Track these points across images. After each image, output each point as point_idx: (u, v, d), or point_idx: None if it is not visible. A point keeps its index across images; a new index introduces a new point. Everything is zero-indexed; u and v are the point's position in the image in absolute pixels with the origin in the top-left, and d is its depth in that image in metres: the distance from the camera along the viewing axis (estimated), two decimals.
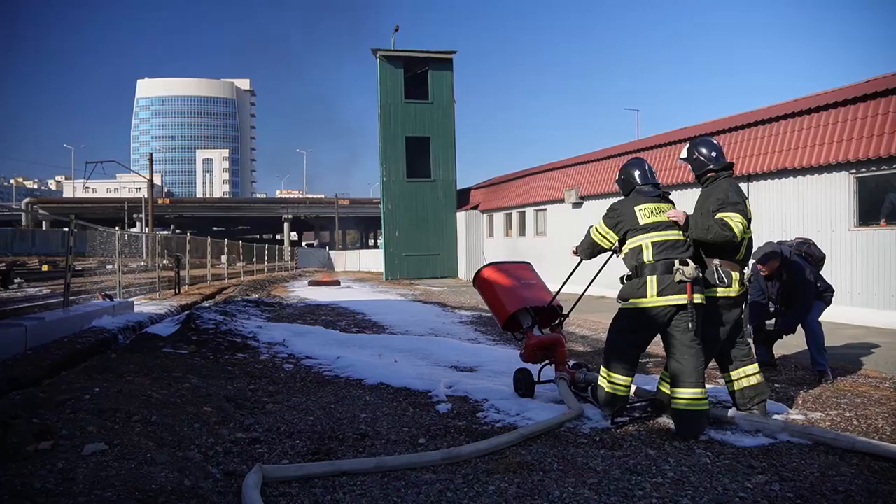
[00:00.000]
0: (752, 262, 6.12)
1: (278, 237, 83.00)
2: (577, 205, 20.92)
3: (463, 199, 31.84)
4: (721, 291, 4.90)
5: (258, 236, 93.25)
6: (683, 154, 5.33)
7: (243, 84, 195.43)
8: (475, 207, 30.48)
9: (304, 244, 50.10)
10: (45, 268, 32.84)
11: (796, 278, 6.72)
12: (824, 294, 6.98)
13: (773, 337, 7.13)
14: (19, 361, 6.72)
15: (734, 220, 4.71)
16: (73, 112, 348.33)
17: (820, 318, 6.81)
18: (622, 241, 5.00)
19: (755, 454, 4.23)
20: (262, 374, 6.89)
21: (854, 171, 11.89)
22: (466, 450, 4.17)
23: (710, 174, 5.13)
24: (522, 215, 25.78)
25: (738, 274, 4.95)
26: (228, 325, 10.13)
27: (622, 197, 5.22)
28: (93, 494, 3.13)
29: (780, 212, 13.26)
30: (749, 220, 4.94)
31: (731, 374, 5.10)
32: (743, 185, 13.57)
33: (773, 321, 7.22)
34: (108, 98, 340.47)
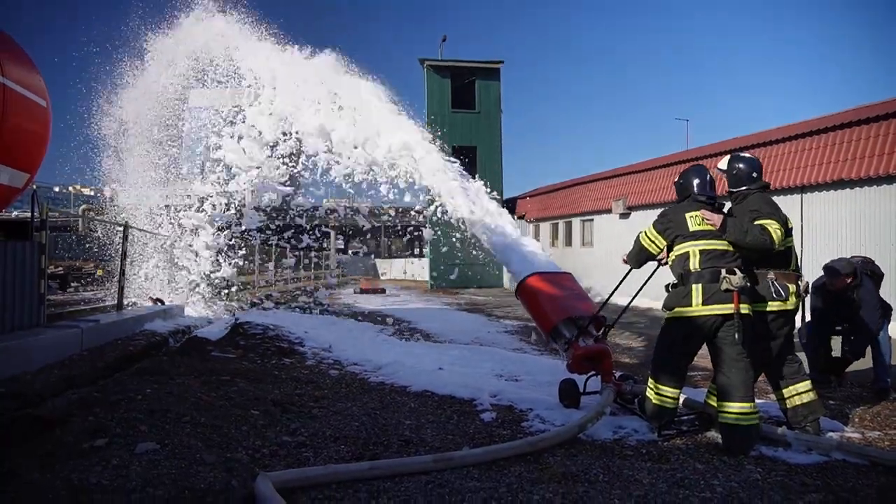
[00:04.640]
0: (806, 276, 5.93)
1: (324, 244, 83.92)
2: (624, 215, 20.65)
3: (509, 208, 31.69)
4: (777, 305, 4.80)
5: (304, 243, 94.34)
6: (723, 165, 5.25)
7: None
8: (522, 217, 30.33)
9: (350, 252, 50.32)
10: (99, 272, 33.74)
11: (866, 297, 6.47)
12: (887, 312, 6.74)
13: (839, 364, 6.78)
14: (76, 361, 6.95)
15: (772, 226, 4.63)
16: None
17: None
18: (670, 248, 4.93)
19: (808, 472, 4.10)
20: (308, 379, 6.96)
21: None
22: (458, 454, 4.17)
23: (742, 190, 5.03)
24: (569, 225, 25.56)
25: (794, 286, 4.84)
26: (275, 331, 10.28)
27: (673, 204, 5.16)
28: (145, 492, 3.22)
29: (835, 225, 12.85)
30: (788, 231, 4.83)
31: (783, 391, 4.96)
32: (796, 197, 13.23)
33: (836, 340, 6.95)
34: None
